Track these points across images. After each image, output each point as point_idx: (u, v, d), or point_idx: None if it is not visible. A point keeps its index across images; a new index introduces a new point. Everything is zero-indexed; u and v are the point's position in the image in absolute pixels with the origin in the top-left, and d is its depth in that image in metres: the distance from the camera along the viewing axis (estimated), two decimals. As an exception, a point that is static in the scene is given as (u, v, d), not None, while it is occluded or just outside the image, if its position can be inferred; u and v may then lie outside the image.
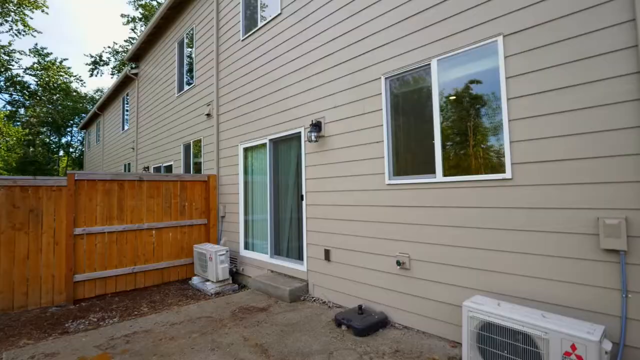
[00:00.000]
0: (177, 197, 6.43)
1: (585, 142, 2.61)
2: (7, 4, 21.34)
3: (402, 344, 3.34)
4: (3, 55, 22.70)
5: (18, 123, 25.55)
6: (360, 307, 3.86)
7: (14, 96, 24.93)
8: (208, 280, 5.82)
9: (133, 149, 12.64)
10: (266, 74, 5.89)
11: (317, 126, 4.73)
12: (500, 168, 3.09)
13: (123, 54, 25.58)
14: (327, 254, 4.62)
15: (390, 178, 3.93)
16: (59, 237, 5.16)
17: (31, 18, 22.74)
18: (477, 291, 3.14)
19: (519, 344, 2.38)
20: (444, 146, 3.50)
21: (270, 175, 5.77)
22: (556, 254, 2.71)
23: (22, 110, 25.84)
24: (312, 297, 4.78)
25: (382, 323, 3.71)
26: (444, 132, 3.51)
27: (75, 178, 5.36)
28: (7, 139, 21.45)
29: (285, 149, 5.63)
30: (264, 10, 6.15)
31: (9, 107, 25.33)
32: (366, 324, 3.58)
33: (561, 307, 2.66)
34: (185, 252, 6.43)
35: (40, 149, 27.21)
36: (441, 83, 3.53)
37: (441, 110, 3.54)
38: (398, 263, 3.74)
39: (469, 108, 3.38)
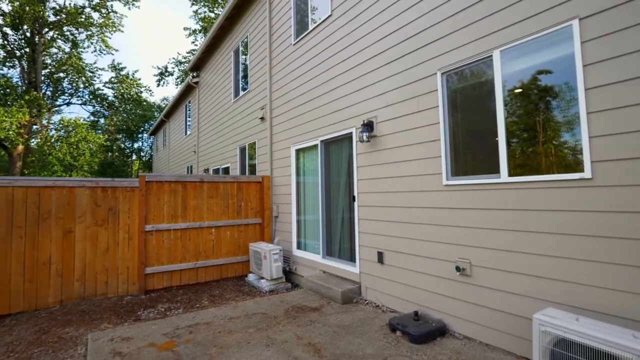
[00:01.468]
0: (234, 197, 6.75)
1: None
2: (91, 28, 24.23)
3: (463, 355, 3.14)
4: (88, 72, 25.80)
5: (99, 131, 28.85)
6: (416, 313, 3.71)
7: (95, 107, 28.22)
8: (263, 278, 6.02)
9: (194, 152, 13.57)
10: (317, 76, 5.95)
11: (368, 126, 4.65)
12: (576, 167, 2.77)
13: (185, 64, 27.63)
14: (380, 257, 4.52)
15: (448, 179, 3.73)
16: (133, 233, 5.70)
17: (109, 38, 25.59)
18: (548, 303, 2.84)
19: (604, 366, 2.10)
20: (509, 144, 3.23)
21: (321, 176, 5.81)
22: (650, 265, 2.36)
23: (102, 120, 29.15)
24: (365, 300, 4.71)
25: (440, 331, 3.52)
26: (508, 129, 3.24)
27: (146, 180, 5.88)
28: (91, 145, 24.32)
29: (336, 150, 5.63)
30: (314, 14, 6.23)
31: (92, 118, 28.73)
32: (423, 331, 3.43)
33: (657, 327, 2.30)
34: (242, 250, 6.73)
35: (116, 153, 30.47)
36: (505, 75, 3.27)
37: (505, 104, 3.27)
38: (458, 269, 3.52)
39: (538, 101, 3.09)
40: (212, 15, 25.18)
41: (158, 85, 30.85)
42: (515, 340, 3.07)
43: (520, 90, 3.20)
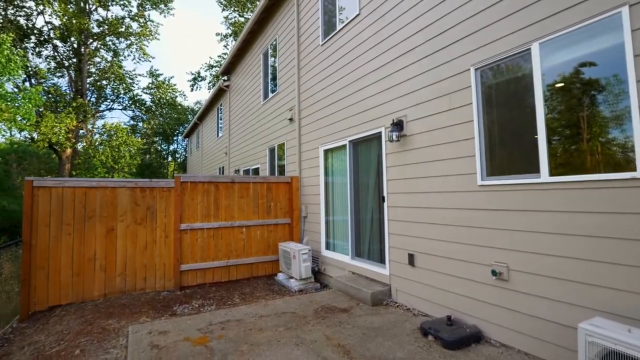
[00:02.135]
0: (264, 197, 6.87)
1: None
2: (130, 37, 25.63)
3: (499, 363, 3.00)
4: (128, 79, 27.32)
5: (138, 134, 30.43)
6: (449, 317, 3.59)
7: (135, 112, 29.81)
8: (292, 278, 6.08)
9: (226, 153, 13.97)
10: (345, 76, 5.93)
11: (398, 125, 4.57)
12: (627, 165, 2.57)
13: (217, 68, 28.53)
14: (411, 259, 4.43)
15: (483, 179, 3.58)
16: (169, 231, 5.96)
17: (147, 46, 26.98)
18: (595, 312, 2.65)
19: (660, 382, 1.93)
20: (549, 141, 3.05)
21: (350, 176, 5.78)
22: None
23: (140, 124, 30.72)
24: (395, 303, 4.63)
25: (475, 337, 3.39)
26: (549, 125, 3.06)
27: (181, 180, 6.12)
28: (130, 148, 25.72)
29: (365, 150, 5.58)
30: (341, 14, 6.21)
31: (131, 122, 30.41)
32: (456, 336, 3.31)
33: None
34: (272, 250, 6.84)
35: (154, 155, 32.00)
36: (544, 69, 3.09)
37: (545, 100, 3.09)
38: (494, 273, 3.37)
39: (581, 95, 2.89)
40: (242, 19, 25.82)
41: (192, 90, 32.10)
42: (557, 350, 2.89)
43: (561, 84, 3.02)
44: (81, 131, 24.75)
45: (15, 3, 21.38)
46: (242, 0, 25.02)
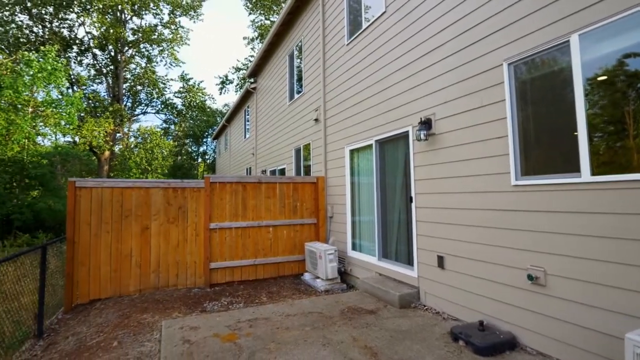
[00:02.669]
0: (290, 197, 6.94)
1: None
2: (162, 44, 26.74)
3: (536, 372, 2.86)
4: (161, 84, 28.51)
5: (170, 137, 31.68)
6: (481, 322, 3.46)
7: (167, 115, 31.06)
8: (318, 278, 6.09)
9: (253, 154, 14.24)
10: (370, 75, 5.87)
11: (426, 124, 4.47)
12: (681, 163, 2.36)
13: (244, 70, 29.15)
14: (440, 261, 4.31)
15: (517, 178, 3.43)
16: (199, 230, 6.15)
17: (178, 52, 28.04)
18: (645, 321, 2.46)
19: None
20: (590, 139, 2.87)
21: (376, 176, 5.72)
22: None
23: (172, 127, 31.96)
24: (424, 306, 4.52)
25: (510, 344, 3.24)
26: (590, 122, 2.88)
27: (210, 181, 6.30)
28: (163, 150, 26.83)
29: (391, 149, 5.50)
30: (367, 12, 6.16)
31: (164, 125, 31.70)
32: (489, 342, 3.19)
33: None
34: (298, 249, 6.89)
35: (185, 156, 33.16)
36: (584, 62, 2.91)
37: (585, 94, 2.91)
38: (530, 277, 3.21)
39: (626, 89, 2.70)
40: (268, 22, 26.23)
41: (220, 93, 33.14)
42: (601, 361, 2.71)
43: (603, 77, 2.83)
44: (118, 134, 26.12)
45: (60, 16, 22.90)
46: (268, 3, 25.42)
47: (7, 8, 21.38)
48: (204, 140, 33.34)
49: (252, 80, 14.27)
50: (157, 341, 3.81)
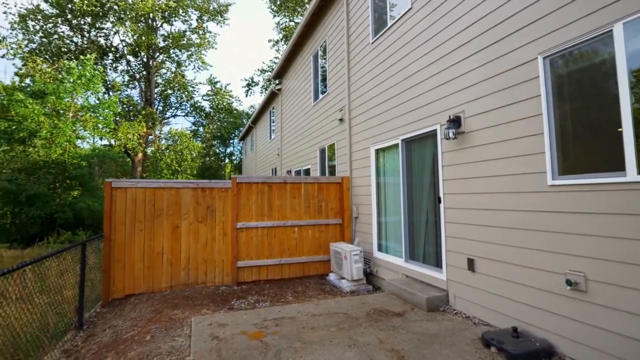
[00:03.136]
0: (315, 197, 6.95)
1: None
2: (190, 48, 27.65)
3: (576, 383, 2.70)
4: (190, 88, 29.49)
5: (199, 139, 32.67)
6: (514, 329, 3.31)
7: (195, 118, 32.08)
8: (343, 278, 6.07)
9: (278, 155, 14.40)
10: (396, 73, 5.78)
11: (455, 122, 4.33)
12: None
13: (269, 72, 29.57)
14: (470, 264, 4.17)
15: (554, 178, 3.25)
16: (227, 229, 6.29)
17: (205, 55, 28.88)
18: (701, 333, 2.26)
19: None
20: (637, 135, 2.67)
21: (403, 176, 5.61)
22: None
23: (201, 129, 32.95)
24: (453, 309, 4.39)
25: (546, 352, 3.08)
26: (636, 117, 2.68)
27: (237, 181, 6.43)
28: (192, 151, 27.73)
29: (418, 149, 5.38)
30: (392, 10, 6.06)
31: (193, 127, 32.73)
32: (524, 350, 3.04)
33: None
34: (323, 249, 6.89)
35: (212, 158, 34.09)
36: (630, 53, 2.71)
37: (631, 87, 2.71)
38: (569, 283, 3.04)
39: (680, 81, 2.49)
40: (293, 24, 26.47)
41: (246, 95, 33.80)
42: (650, 374, 2.52)
43: (653, 69, 2.62)
44: (150, 137, 27.25)
45: (97, 25, 24.21)
46: (292, 5, 25.65)
47: (50, 20, 22.87)
48: (231, 141, 34.13)
49: (277, 81, 14.45)
50: (187, 336, 3.93)
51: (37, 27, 22.74)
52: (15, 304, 3.74)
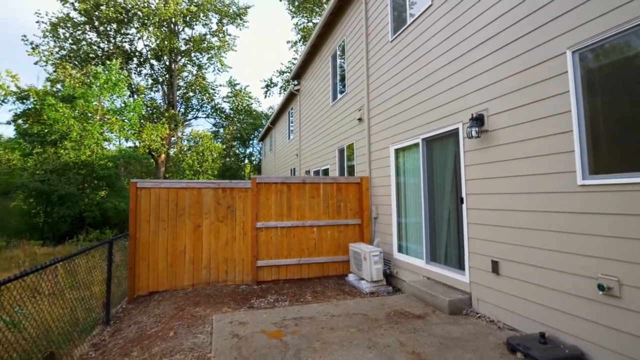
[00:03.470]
0: (334, 197, 6.94)
1: None
2: (211, 51, 28.22)
3: (609, 393, 2.56)
4: (210, 90, 30.10)
5: (219, 140, 33.30)
6: (542, 334, 3.18)
7: (216, 119, 32.71)
8: (363, 279, 6.02)
9: (297, 155, 14.48)
10: (416, 71, 5.68)
11: (478, 120, 4.22)
12: None
13: (287, 73, 29.78)
14: (495, 266, 4.04)
15: (584, 177, 3.11)
16: (247, 228, 6.37)
17: (225, 57, 29.39)
18: None
19: None
20: (677, 131, 2.51)
21: (423, 176, 5.52)
22: None
23: (221, 130, 33.57)
24: (477, 313, 4.27)
25: None
26: (677, 112, 2.52)
27: (257, 181, 6.50)
28: (213, 152, 28.28)
29: (439, 148, 5.27)
30: (412, 8, 5.97)
31: (213, 129, 33.40)
32: (552, 356, 2.92)
33: None
34: (342, 250, 6.86)
35: (232, 158, 34.68)
36: (670, 44, 2.56)
37: (671, 81, 2.56)
38: (601, 287, 2.89)
39: None
40: (311, 25, 26.55)
41: (265, 96, 34.19)
42: (692, 387, 2.36)
43: (696, 61, 2.46)
44: (172, 138, 27.98)
45: (122, 31, 25.10)
46: (310, 6, 25.73)
47: (79, 27, 23.90)
48: (250, 142, 34.60)
49: (295, 82, 14.53)
50: (208, 334, 4.00)
51: (67, 35, 23.82)
52: (47, 299, 3.92)
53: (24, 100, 19.79)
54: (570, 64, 3.24)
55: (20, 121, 19.95)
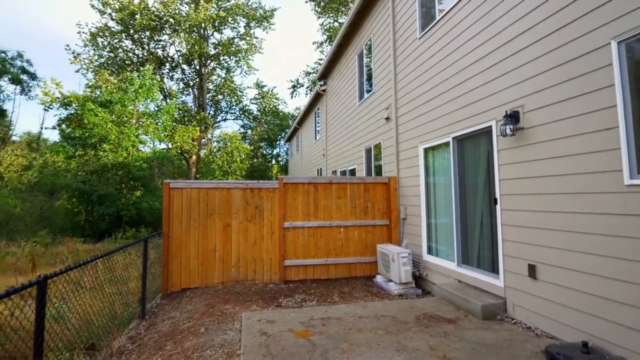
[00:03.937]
0: (361, 198, 6.88)
1: None
2: (239, 54, 28.87)
3: (663, 411, 2.36)
4: (238, 92, 30.80)
5: (247, 141, 34.00)
6: (585, 343, 2.99)
7: (244, 121, 33.41)
8: (391, 281, 5.93)
9: (323, 155, 14.50)
10: (446, 68, 5.52)
11: (513, 117, 4.03)
12: None
13: (313, 74, 29.91)
14: (532, 270, 3.85)
15: (632, 177, 2.88)
16: (274, 228, 6.45)
17: (252, 60, 29.98)
18: None
19: None
20: None
21: (454, 176, 5.35)
22: None
23: (249, 132, 34.25)
24: (512, 319, 4.08)
25: (624, 372, 2.74)
26: None
27: (284, 182, 6.57)
28: (241, 153, 28.92)
29: (471, 146, 5.09)
30: (441, 3, 5.81)
31: (242, 130, 34.13)
32: (596, 367, 2.74)
33: None
34: (369, 251, 6.79)
35: (260, 159, 35.29)
36: None
37: None
38: (652, 294, 2.68)
39: None
40: (337, 24, 26.52)
41: (292, 97, 34.48)
42: None
43: None
44: (203, 140, 28.89)
45: (155, 38, 26.23)
46: (335, 6, 25.70)
47: (116, 36, 25.22)
48: (277, 142, 35.05)
49: (321, 82, 14.56)
50: (237, 331, 4.09)
51: (105, 43, 25.20)
52: (89, 293, 4.15)
53: (67, 107, 21.16)
54: (616, 55, 3.03)
55: (64, 126, 21.38)
